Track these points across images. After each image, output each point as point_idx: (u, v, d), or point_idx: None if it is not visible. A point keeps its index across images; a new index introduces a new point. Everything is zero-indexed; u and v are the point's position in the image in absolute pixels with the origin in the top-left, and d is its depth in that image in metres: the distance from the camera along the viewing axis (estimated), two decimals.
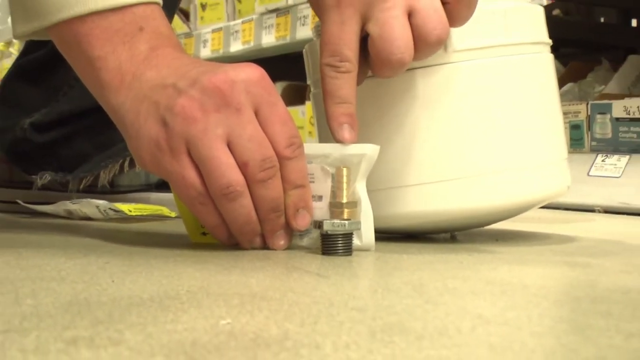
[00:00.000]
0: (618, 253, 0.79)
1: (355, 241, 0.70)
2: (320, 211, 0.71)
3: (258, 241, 0.71)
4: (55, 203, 1.02)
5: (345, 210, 0.70)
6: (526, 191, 0.78)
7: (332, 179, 0.71)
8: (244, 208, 0.67)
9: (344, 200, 0.70)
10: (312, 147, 0.71)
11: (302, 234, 0.72)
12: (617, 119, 1.46)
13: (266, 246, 0.71)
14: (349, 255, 0.69)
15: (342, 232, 0.69)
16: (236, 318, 0.43)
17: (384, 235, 0.79)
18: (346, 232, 0.69)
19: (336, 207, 0.70)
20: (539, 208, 0.86)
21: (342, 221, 0.69)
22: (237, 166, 0.66)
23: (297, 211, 0.69)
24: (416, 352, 0.37)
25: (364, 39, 0.72)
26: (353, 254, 0.69)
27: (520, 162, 0.77)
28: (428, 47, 0.71)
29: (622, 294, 0.55)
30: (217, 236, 0.71)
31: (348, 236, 0.69)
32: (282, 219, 0.70)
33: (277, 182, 0.68)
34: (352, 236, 0.69)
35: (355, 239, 0.70)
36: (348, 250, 0.69)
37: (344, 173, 0.70)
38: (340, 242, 0.68)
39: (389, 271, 0.63)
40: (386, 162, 0.75)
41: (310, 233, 0.71)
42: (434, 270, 0.63)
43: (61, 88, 1.08)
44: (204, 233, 0.73)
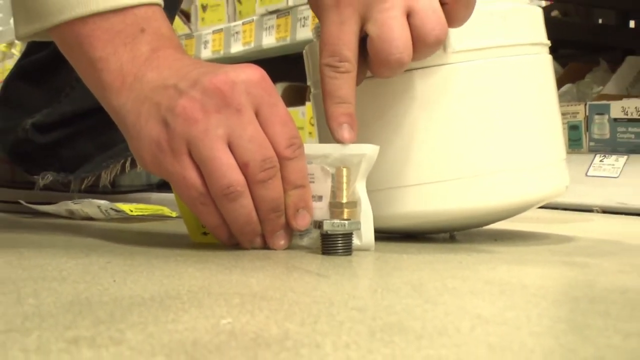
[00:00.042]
0: (616, 253, 0.79)
1: (355, 241, 0.70)
2: (320, 211, 0.71)
3: (258, 241, 0.71)
4: (57, 203, 1.02)
5: (345, 210, 0.70)
6: (525, 191, 0.78)
7: (332, 179, 0.71)
8: (245, 208, 0.68)
9: (344, 200, 0.70)
10: (312, 148, 0.71)
11: (302, 234, 0.72)
12: (615, 120, 1.46)
13: (266, 246, 0.71)
14: (349, 255, 0.69)
15: (342, 232, 0.69)
16: (237, 318, 0.43)
17: (384, 235, 0.79)
18: (346, 232, 0.69)
19: (336, 207, 0.70)
20: (538, 208, 0.86)
21: (342, 221, 0.69)
22: (238, 167, 0.67)
23: (297, 211, 0.70)
24: (415, 352, 0.37)
25: (363, 40, 0.72)
26: (353, 254, 0.69)
27: (519, 163, 0.77)
28: (427, 48, 0.72)
29: (620, 294, 0.55)
30: (218, 236, 0.71)
31: (348, 236, 0.69)
32: (282, 219, 0.70)
33: (278, 183, 0.68)
34: (352, 236, 0.69)
35: (355, 239, 0.70)
36: (348, 250, 0.69)
37: (344, 173, 0.70)
38: (340, 242, 0.69)
39: (389, 271, 0.63)
40: (385, 163, 0.75)
41: (310, 233, 0.72)
42: (434, 270, 0.63)
43: (63, 89, 1.08)
44: (205, 233, 0.74)
